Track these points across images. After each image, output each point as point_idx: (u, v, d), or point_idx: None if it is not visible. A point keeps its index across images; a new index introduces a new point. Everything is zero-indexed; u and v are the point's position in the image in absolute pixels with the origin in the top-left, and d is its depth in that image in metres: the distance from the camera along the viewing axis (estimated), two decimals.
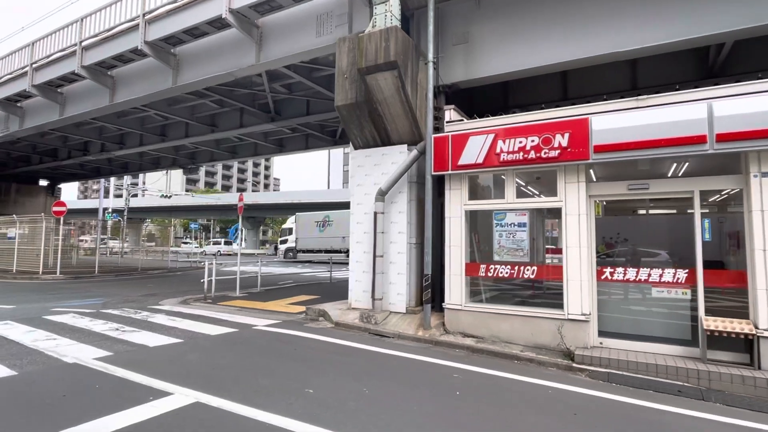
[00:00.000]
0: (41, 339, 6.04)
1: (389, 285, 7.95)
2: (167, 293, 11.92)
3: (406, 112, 7.71)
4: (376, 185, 8.13)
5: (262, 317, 8.28)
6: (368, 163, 8.41)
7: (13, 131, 16.08)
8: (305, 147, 18.97)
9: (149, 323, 7.37)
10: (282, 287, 13.47)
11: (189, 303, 10.10)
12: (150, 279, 16.35)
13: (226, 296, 11.13)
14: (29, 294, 11.16)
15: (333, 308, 8.50)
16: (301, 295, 11.28)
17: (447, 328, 7.10)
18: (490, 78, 8.35)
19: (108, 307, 9.07)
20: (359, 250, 8.37)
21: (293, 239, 32.62)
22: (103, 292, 11.74)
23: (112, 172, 27.08)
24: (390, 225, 8.05)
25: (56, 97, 14.20)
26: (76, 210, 54.02)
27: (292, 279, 16.61)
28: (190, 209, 55.35)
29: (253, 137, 18.22)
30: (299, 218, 32.61)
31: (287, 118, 14.50)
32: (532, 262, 6.68)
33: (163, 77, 11.65)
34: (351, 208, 8.59)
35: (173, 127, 17.45)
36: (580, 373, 5.56)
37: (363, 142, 8.52)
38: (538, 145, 6.38)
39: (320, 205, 48.43)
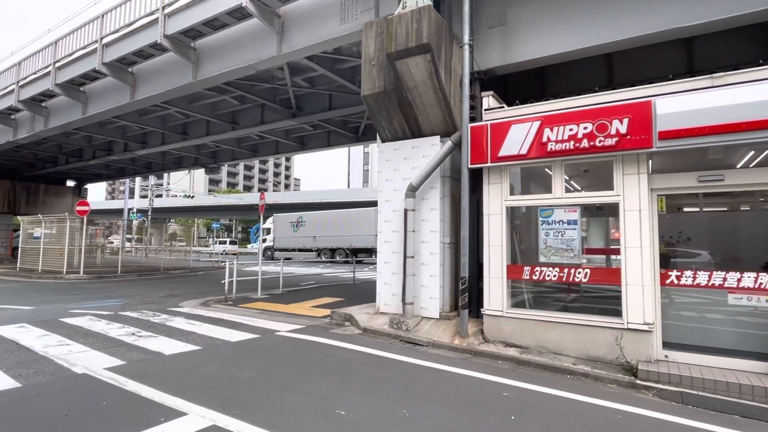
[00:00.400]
0: (53, 345, 5.68)
1: (421, 288, 7.34)
2: (188, 294, 11.61)
3: (439, 100, 7.09)
4: (405, 180, 7.54)
5: (284, 321, 7.80)
6: (397, 156, 7.82)
7: (38, 131, 16.12)
8: (327, 144, 18.52)
9: (167, 327, 6.97)
10: (304, 288, 13.01)
11: (209, 305, 9.72)
12: (172, 279, 16.17)
13: (248, 298, 10.72)
14: (50, 294, 11.00)
15: (360, 312, 7.95)
16: (324, 297, 10.78)
17: (486, 336, 6.45)
18: (529, 63, 7.66)
19: (127, 309, 8.75)
20: (388, 250, 7.79)
21: (271, 239, 33.34)
22: (123, 293, 11.51)
23: (136, 172, 27.29)
24: (421, 223, 7.44)
25: (79, 95, 14.10)
26: (104, 210, 55.27)
27: (315, 280, 16.16)
28: (213, 209, 55.88)
29: (274, 134, 17.88)
30: (276, 219, 33.42)
31: (309, 113, 14.04)
32: (584, 263, 5.97)
33: (182, 72, 11.33)
34: (378, 205, 8.02)
35: (194, 125, 17.24)
36: (646, 391, 4.85)
37: (391, 134, 7.93)
38: (592, 133, 5.67)
39: (340, 204, 48.12)
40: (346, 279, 16.23)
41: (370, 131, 17.16)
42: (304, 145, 19.18)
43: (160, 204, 59.87)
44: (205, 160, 22.96)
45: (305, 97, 13.94)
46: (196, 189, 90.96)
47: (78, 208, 15.58)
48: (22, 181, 27.19)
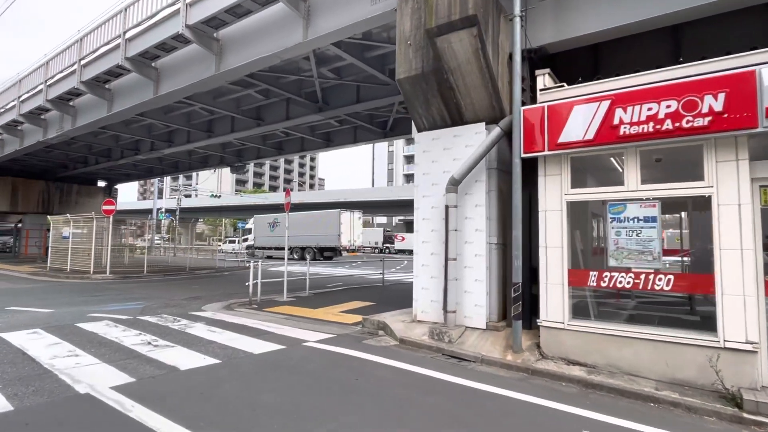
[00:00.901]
0: (62, 356, 5.15)
1: (464, 294, 6.52)
2: (211, 296, 11.13)
3: (485, 81, 6.25)
4: (446, 173, 6.74)
5: (312, 329, 7.11)
6: (436, 147, 7.02)
7: (66, 130, 16.06)
8: (353, 140, 17.86)
9: (186, 336, 6.39)
10: (332, 291, 12.37)
11: (233, 308, 9.17)
12: (197, 280, 15.84)
13: (273, 301, 10.14)
14: (73, 295, 10.71)
15: (394, 320, 7.19)
16: (353, 301, 10.08)
17: (543, 351, 5.58)
18: (585, 38, 6.74)
19: (147, 313, 8.28)
20: (425, 252, 7.00)
21: (252, 238, 35.17)
22: (146, 294, 11.13)
23: (163, 171, 27.41)
24: (464, 221, 6.62)
25: (104, 93, 13.88)
26: (135, 210, 56.53)
27: (342, 281, 15.52)
28: (239, 209, 56.33)
29: (299, 131, 17.35)
30: (256, 220, 35.20)
31: (335, 107, 13.38)
32: (667, 268, 5.02)
33: (205, 65, 10.84)
34: (415, 202, 7.24)
35: (219, 122, 16.88)
36: (757, 428, 3.90)
37: (429, 122, 7.14)
38: (677, 112, 4.73)
39: (364, 203, 47.61)
40: (374, 281, 15.51)
41: (398, 126, 16.40)
42: (329, 142, 18.60)
43: (188, 204, 60.87)
44: (231, 158, 22.72)
45: (332, 89, 13.29)
46: (223, 189, 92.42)
47: (104, 208, 15.43)
48: (56, 181, 27.75)
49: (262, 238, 33.99)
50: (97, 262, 15.63)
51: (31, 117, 17.03)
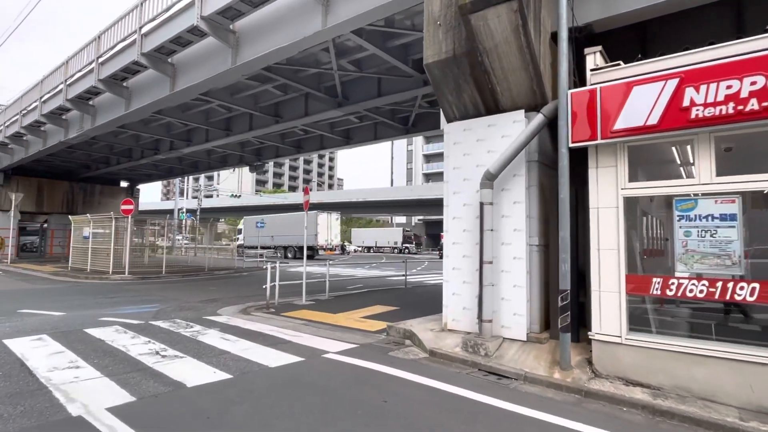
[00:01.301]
0: (61, 367, 4.72)
1: (501, 302, 5.85)
2: (228, 298, 10.73)
3: (525, 63, 5.57)
4: (479, 167, 6.08)
5: (332, 337, 6.56)
6: (468, 138, 6.36)
7: (86, 130, 15.98)
8: (374, 137, 17.31)
9: (198, 344, 5.91)
10: (352, 293, 11.82)
11: (249, 312, 8.71)
12: (215, 280, 15.54)
13: (291, 304, 9.65)
14: (88, 297, 10.46)
15: (422, 328, 6.57)
16: (375, 305, 9.50)
17: (596, 369, 4.87)
18: (635, 14, 5.99)
19: (160, 317, 7.87)
20: (457, 254, 6.36)
21: (242, 237, 37.13)
22: (162, 297, 10.79)
23: (183, 171, 27.43)
24: (501, 220, 5.95)
25: (122, 91, 13.68)
26: (158, 210, 57.33)
27: (362, 283, 14.97)
28: (259, 209, 56.51)
29: (318, 128, 16.89)
30: (245, 221, 37.66)
31: (356, 102, 12.83)
32: (750, 275, 4.26)
33: (222, 58, 10.43)
34: (445, 199, 6.60)
35: (237, 120, 16.57)
36: None
37: (460, 111, 6.49)
38: (765, 90, 3.97)
39: (383, 203, 47.12)
40: (396, 282, 14.91)
41: (421, 121, 15.77)
42: (349, 140, 18.09)
43: (209, 204, 61.48)
44: (250, 157, 22.48)
45: (352, 83, 12.75)
46: (244, 189, 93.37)
47: (123, 207, 15.29)
48: (79, 182, 28.08)
49: (250, 238, 35.30)
50: (118, 263, 15.50)
51: (52, 117, 17.04)
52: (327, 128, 17.20)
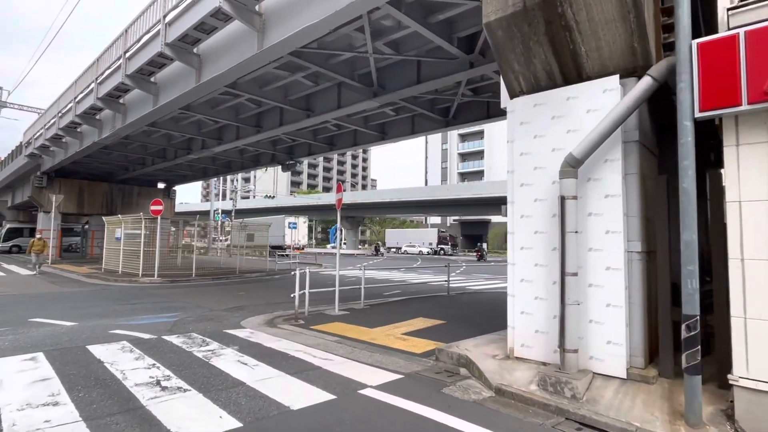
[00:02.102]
0: (37, 403, 3.80)
1: (589, 326, 4.51)
2: (255, 306, 9.82)
3: (625, 10, 4.21)
4: (556, 152, 4.77)
5: (371, 362, 5.41)
6: (540, 116, 5.04)
7: (117, 129, 15.65)
8: (411, 131, 16.08)
9: (209, 370, 4.90)
10: (390, 301, 10.66)
11: (276, 324, 7.71)
12: (245, 284, 14.79)
13: (322, 314, 8.60)
14: (109, 303, 9.81)
15: (481, 354, 5.30)
16: (418, 318, 8.28)
17: (741, 427, 3.46)
18: None
19: (176, 330, 6.99)
20: (526, 262, 5.05)
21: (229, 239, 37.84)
22: (186, 303, 10.02)
23: (217, 172, 27.23)
24: (588, 220, 4.60)
25: (149, 87, 13.12)
26: (197, 212, 58.42)
27: (399, 288, 13.80)
28: (294, 210, 56.53)
29: (351, 122, 15.86)
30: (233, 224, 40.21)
31: (393, 90, 11.65)
32: None
33: (247, 44, 9.54)
34: (509, 193, 5.30)
35: (267, 115, 15.79)
36: None
37: (528, 82, 5.18)
38: None
39: (418, 203, 45.79)
40: (437, 289, 13.61)
41: (462, 112, 14.42)
42: (384, 134, 16.95)
43: (245, 205, 62.14)
44: (282, 156, 21.80)
45: (389, 69, 11.59)
46: (279, 190, 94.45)
47: (152, 208, 14.82)
48: (118, 183, 28.46)
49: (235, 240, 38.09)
50: (150, 265, 15.02)
51: (86, 117, 16.87)
52: (361, 122, 16.15)
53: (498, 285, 15.74)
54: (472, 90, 13.08)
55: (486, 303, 10.56)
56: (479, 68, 10.07)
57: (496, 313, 9.10)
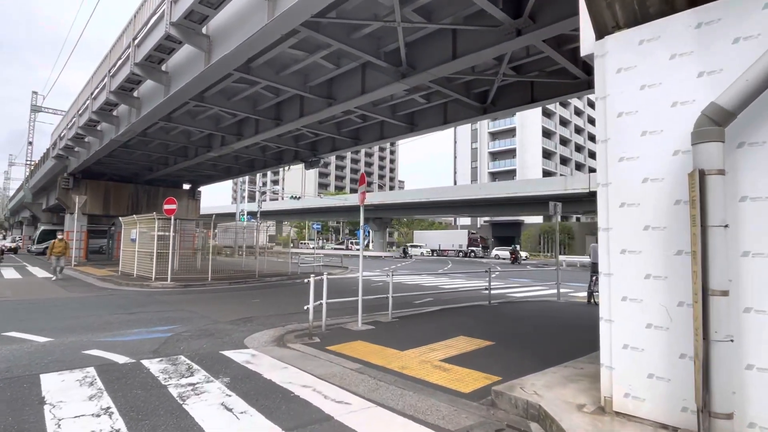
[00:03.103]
0: None
1: (748, 374, 2.87)
2: (268, 317, 8.53)
3: None
4: (681, 106, 3.17)
5: (402, 408, 3.93)
6: (650, 57, 3.43)
7: (132, 123, 14.84)
8: (443, 121, 14.53)
9: (177, 419, 3.55)
10: (422, 312, 9.15)
11: (286, 343, 6.35)
12: (263, 289, 13.62)
13: (342, 328, 7.20)
14: (103, 312, 8.74)
15: (559, 401, 3.71)
16: (459, 337, 6.73)
17: None
18: None
19: (162, 352, 5.73)
20: (632, 271, 3.43)
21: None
22: (190, 313, 8.83)
23: (240, 171, 26.43)
24: (743, 207, 2.97)
25: (160, 77, 12.14)
26: (227, 213, 58.63)
27: (431, 295, 12.25)
28: (321, 211, 55.81)
29: (377, 112, 14.45)
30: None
31: (424, 69, 10.13)
32: None
33: (258, 17, 8.30)
34: (599, 173, 3.70)
35: (286, 105, 14.61)
36: None
37: (629, 10, 3.57)
38: None
39: (447, 203, 43.96)
40: (474, 297, 11.96)
41: (503, 96, 12.76)
42: (413, 126, 15.45)
43: (272, 207, 61.96)
44: (305, 153, 20.66)
45: (419, 44, 10.10)
46: (306, 191, 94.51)
47: (166, 207, 13.87)
48: (143, 184, 28.15)
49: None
50: (165, 268, 14.05)
51: (103, 114, 16.20)
52: (388, 112, 14.72)
53: (542, 292, 13.93)
54: (514, 69, 11.42)
55: (538, 316, 8.88)
56: (527, 36, 8.44)
57: (555, 329, 7.44)
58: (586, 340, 6.17)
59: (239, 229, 25.69)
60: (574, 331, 7.27)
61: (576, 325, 7.91)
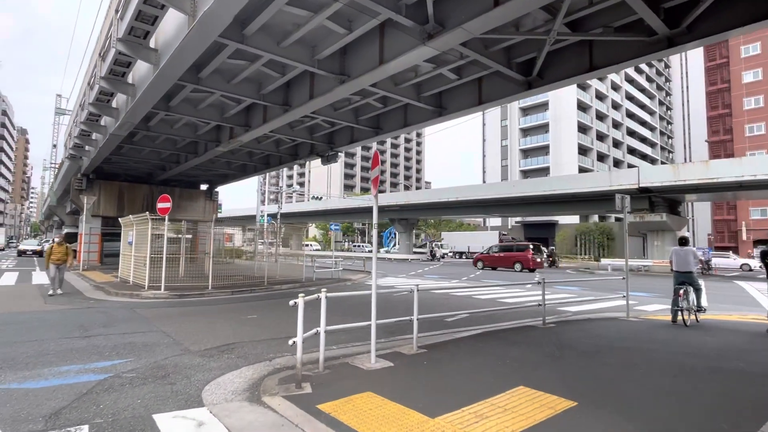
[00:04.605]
0: None
1: None
2: (256, 342, 6.58)
3: None
4: None
5: None
6: None
7: (129, 109, 13.28)
8: (477, 101, 12.26)
9: None
10: (456, 337, 6.97)
11: (260, 395, 4.33)
12: (267, 300, 11.75)
13: (347, 366, 5.14)
14: (54, 334, 6.97)
15: None
16: (518, 387, 4.53)
17: None
18: None
19: (68, 414, 3.82)
20: None
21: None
22: (159, 336, 6.97)
23: (255, 168, 24.86)
24: None
25: (149, 54, 10.41)
26: (247, 216, 57.86)
27: (466, 307, 10.02)
28: (344, 212, 54.09)
29: (400, 93, 12.34)
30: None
31: (456, 25, 7.93)
32: None
33: None
34: None
35: (294, 87, 12.73)
36: None
37: None
38: None
39: (478, 203, 41.30)
40: (520, 312, 9.64)
41: (553, 66, 10.41)
42: (442, 109, 13.25)
43: (294, 209, 60.75)
44: (321, 146, 18.78)
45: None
46: (332, 192, 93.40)
47: (159, 206, 12.24)
48: (158, 185, 26.99)
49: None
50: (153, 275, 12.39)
51: (101, 106, 14.71)
52: (411, 93, 12.59)
53: (599, 305, 11.44)
54: (570, 25, 9.08)
55: (621, 348, 6.48)
56: None
57: (662, 372, 5.00)
58: (728, 394, 3.88)
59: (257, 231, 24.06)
60: (694, 377, 4.94)
61: (692, 368, 5.51)
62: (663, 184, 27.67)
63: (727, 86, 50.70)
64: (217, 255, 22.27)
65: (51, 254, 11.82)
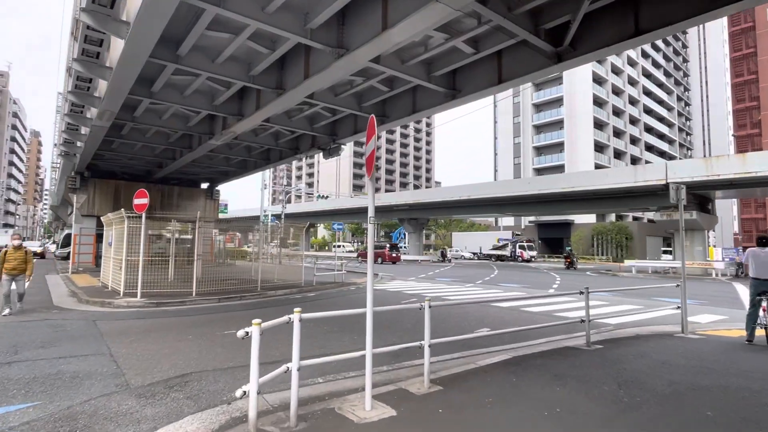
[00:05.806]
0: None
1: None
2: (220, 372, 5.08)
3: None
4: None
5: None
6: None
7: (105, 95, 11.97)
8: (497, 79, 10.63)
9: None
10: (480, 365, 5.38)
11: None
12: (257, 309, 10.29)
13: (332, 412, 3.63)
14: None
15: None
16: None
17: None
18: None
19: None
20: None
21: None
22: (102, 361, 5.51)
23: (256, 164, 23.48)
24: None
25: (119, 27, 9.01)
26: (249, 217, 56.77)
27: (485, 319, 8.40)
28: (352, 212, 52.67)
29: (407, 72, 10.76)
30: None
31: None
32: None
33: None
34: None
35: (287, 65, 11.26)
36: None
37: None
38: None
39: (491, 201, 39.59)
40: (553, 329, 7.99)
41: (587, 33, 8.76)
42: (455, 91, 11.64)
43: (299, 209, 59.49)
44: (323, 138, 17.30)
45: None
46: (342, 191, 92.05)
47: (136, 202, 10.85)
48: (156, 184, 25.79)
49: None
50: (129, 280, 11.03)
51: (81, 95, 13.38)
52: (421, 72, 11.02)
53: (642, 316, 9.72)
54: None
55: (724, 389, 4.81)
56: None
57: None
58: None
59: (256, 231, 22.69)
60: None
61: None
62: (693, 179, 25.65)
63: (754, 77, 48.14)
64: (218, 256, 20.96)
65: (5, 261, 9.03)
